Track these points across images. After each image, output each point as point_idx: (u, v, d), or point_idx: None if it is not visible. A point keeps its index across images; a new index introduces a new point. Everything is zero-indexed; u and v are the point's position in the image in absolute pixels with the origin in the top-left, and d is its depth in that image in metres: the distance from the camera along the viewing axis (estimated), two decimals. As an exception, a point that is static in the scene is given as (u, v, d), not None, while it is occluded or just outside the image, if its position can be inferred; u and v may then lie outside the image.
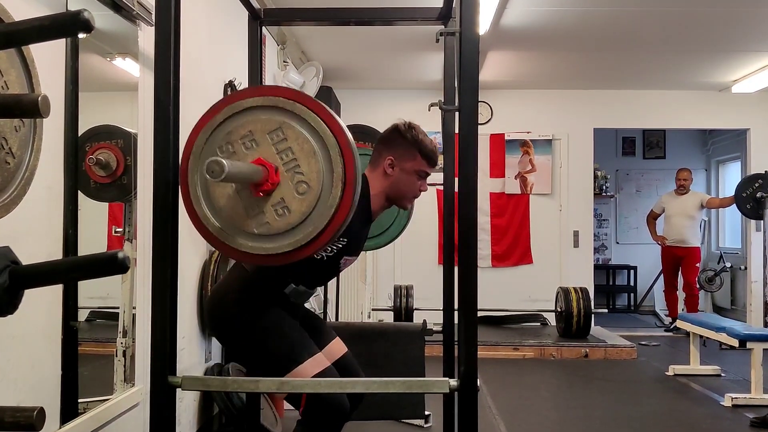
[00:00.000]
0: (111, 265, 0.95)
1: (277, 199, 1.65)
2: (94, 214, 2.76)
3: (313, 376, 2.09)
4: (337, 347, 2.43)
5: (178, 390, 1.76)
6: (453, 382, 1.70)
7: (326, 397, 2.10)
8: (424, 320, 3.15)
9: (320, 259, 2.20)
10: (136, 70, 2.80)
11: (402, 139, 2.32)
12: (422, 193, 2.41)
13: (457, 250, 1.80)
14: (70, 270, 1.03)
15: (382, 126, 4.70)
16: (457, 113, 1.73)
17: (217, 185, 1.66)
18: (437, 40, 2.25)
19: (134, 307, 2.76)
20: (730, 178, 9.38)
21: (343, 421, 2.18)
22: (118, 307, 2.76)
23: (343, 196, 1.65)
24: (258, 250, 1.66)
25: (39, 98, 1.08)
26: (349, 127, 5.14)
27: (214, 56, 3.82)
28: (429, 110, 2.49)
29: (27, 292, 1.76)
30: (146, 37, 2.72)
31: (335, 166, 1.65)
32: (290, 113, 1.66)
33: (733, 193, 7.07)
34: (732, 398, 4.62)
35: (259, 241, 1.66)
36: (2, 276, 0.95)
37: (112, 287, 2.82)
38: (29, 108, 1.08)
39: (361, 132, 4.60)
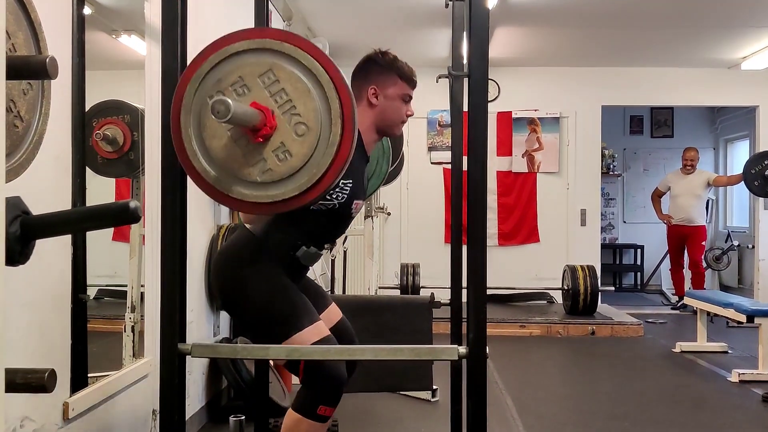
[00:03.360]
0: (123, 214, 0.94)
1: (277, 143, 1.59)
2: (101, 190, 2.76)
3: (312, 344, 2.09)
4: (335, 312, 2.44)
5: (187, 364, 1.77)
6: (462, 350, 1.71)
7: (325, 366, 2.10)
8: (432, 293, 3.15)
9: (333, 207, 2.18)
10: (141, 47, 2.79)
11: (378, 66, 2.29)
12: (409, 118, 2.38)
13: (466, 223, 1.79)
14: (81, 219, 1.03)
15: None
16: (466, 80, 1.71)
17: (212, 136, 1.60)
18: (446, 5, 2.23)
19: (143, 285, 2.77)
20: (738, 157, 9.33)
21: (341, 389, 2.17)
22: (125, 285, 2.77)
23: (343, 134, 1.60)
24: (263, 198, 1.61)
25: (47, 59, 1.08)
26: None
27: (221, 31, 3.80)
28: (437, 82, 2.48)
29: (36, 263, 1.77)
30: (152, 9, 2.71)
31: (332, 103, 1.59)
32: (280, 53, 1.60)
33: (741, 172, 7.03)
34: (739, 374, 4.63)
35: (262, 189, 1.60)
36: (14, 225, 0.95)
37: (119, 265, 2.83)
38: (37, 69, 1.08)
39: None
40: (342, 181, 2.14)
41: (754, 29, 6.21)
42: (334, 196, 2.16)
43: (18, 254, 0.98)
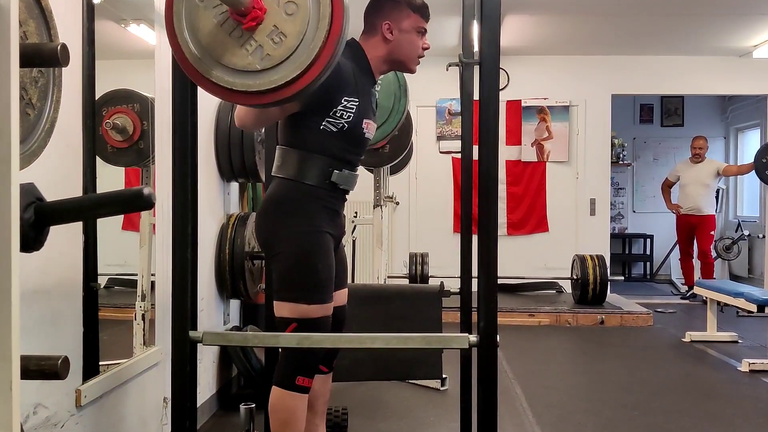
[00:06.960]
0: (137, 200, 0.94)
1: (270, 27, 1.57)
2: (110, 180, 2.77)
3: (313, 318, 2.15)
4: (341, 297, 2.46)
5: (197, 352, 1.78)
6: (472, 338, 1.71)
7: None
8: (441, 282, 3.14)
9: (343, 127, 2.18)
10: (150, 36, 2.79)
11: (390, 1, 2.31)
12: (425, 52, 2.39)
13: (476, 209, 1.79)
14: (95, 206, 1.03)
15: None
16: (476, 68, 1.70)
17: (201, 18, 1.57)
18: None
19: (153, 274, 2.78)
20: (749, 146, 9.27)
21: (317, 360, 2.27)
22: (136, 274, 2.78)
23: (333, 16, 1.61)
24: (266, 85, 1.58)
25: (58, 47, 1.08)
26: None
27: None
28: (447, 70, 2.47)
29: (47, 251, 1.77)
30: (161, -3, 2.71)
31: None
32: None
33: (752, 161, 6.99)
34: (749, 363, 4.61)
35: (262, 76, 1.58)
36: (28, 212, 0.95)
37: (129, 254, 2.84)
38: (49, 56, 1.08)
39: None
40: (346, 98, 2.16)
41: (766, 17, 6.15)
42: (343, 116, 2.17)
43: (32, 241, 0.99)
